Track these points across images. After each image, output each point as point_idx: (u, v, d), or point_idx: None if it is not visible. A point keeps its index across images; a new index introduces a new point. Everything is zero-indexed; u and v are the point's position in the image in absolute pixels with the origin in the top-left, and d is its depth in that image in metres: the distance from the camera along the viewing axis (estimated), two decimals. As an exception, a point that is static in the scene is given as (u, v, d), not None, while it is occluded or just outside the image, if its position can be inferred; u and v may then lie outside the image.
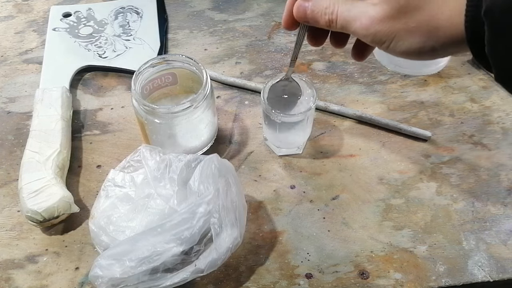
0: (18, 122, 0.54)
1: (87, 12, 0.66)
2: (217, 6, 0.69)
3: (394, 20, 0.32)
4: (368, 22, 0.33)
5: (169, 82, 0.49)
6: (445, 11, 0.30)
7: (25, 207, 0.42)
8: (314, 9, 0.36)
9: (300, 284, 0.41)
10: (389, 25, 0.32)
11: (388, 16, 0.32)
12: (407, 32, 0.32)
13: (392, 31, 0.32)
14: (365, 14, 0.33)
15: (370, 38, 0.34)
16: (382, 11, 0.32)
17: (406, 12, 0.31)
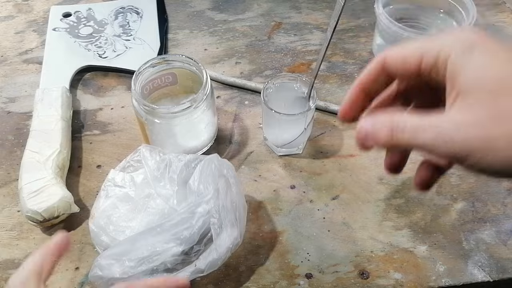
0: (18, 122, 0.54)
1: (87, 12, 0.66)
2: (217, 6, 0.69)
3: (495, 124, 0.24)
4: (454, 127, 0.25)
5: (169, 82, 0.49)
6: None
7: (25, 207, 0.42)
8: (375, 122, 0.28)
9: (300, 284, 0.41)
10: (488, 129, 0.24)
11: (485, 118, 0.24)
12: (510, 142, 0.24)
13: (492, 137, 0.24)
14: (446, 119, 0.25)
15: (456, 147, 0.25)
16: (477, 114, 0.24)
17: (509, 117, 0.24)
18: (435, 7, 0.60)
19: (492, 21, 0.66)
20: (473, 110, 0.25)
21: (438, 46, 0.27)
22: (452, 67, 0.26)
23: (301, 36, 0.64)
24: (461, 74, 0.26)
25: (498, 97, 0.24)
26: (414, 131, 0.26)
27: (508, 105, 0.24)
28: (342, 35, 0.64)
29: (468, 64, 0.26)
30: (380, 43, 0.59)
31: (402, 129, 0.26)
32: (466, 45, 0.26)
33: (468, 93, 0.25)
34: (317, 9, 0.68)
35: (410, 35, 0.53)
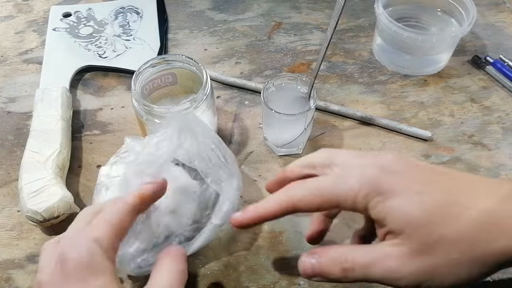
0: (18, 122, 0.54)
1: (87, 12, 0.66)
2: (217, 6, 0.69)
3: (430, 254, 0.27)
4: (398, 263, 0.28)
5: (169, 82, 0.49)
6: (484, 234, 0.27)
7: (25, 207, 0.42)
8: (322, 261, 0.30)
9: (300, 284, 0.41)
10: (426, 260, 0.27)
11: (421, 251, 0.27)
12: (451, 265, 0.27)
13: (433, 266, 0.27)
14: (391, 255, 0.28)
15: (404, 281, 0.28)
16: (412, 248, 0.27)
17: (440, 244, 0.27)
18: (435, 7, 0.60)
19: (492, 21, 0.66)
20: (407, 247, 0.27)
21: (352, 194, 0.29)
22: (374, 214, 0.29)
23: (301, 36, 0.64)
24: (384, 219, 0.29)
25: (421, 231, 0.27)
26: (364, 270, 0.29)
27: (432, 233, 0.27)
28: (342, 35, 0.64)
29: (386, 211, 0.28)
30: (380, 43, 0.59)
31: (353, 269, 0.29)
32: (378, 192, 0.29)
33: (397, 233, 0.28)
34: (317, 9, 0.68)
35: (410, 35, 0.53)
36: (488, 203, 0.27)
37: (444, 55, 0.58)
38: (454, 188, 0.29)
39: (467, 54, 0.61)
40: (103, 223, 0.31)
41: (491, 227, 0.27)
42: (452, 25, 0.59)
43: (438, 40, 0.54)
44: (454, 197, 0.28)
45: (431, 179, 0.29)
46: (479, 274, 0.27)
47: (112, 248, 0.30)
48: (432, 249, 0.27)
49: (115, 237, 0.31)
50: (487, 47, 0.62)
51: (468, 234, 0.27)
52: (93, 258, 0.29)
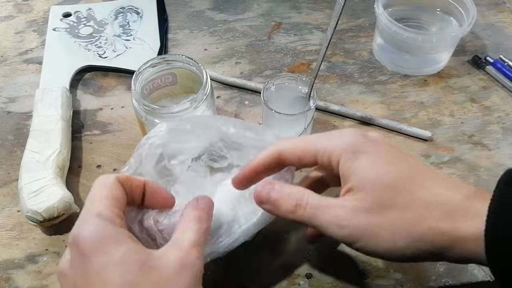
0: (18, 122, 0.54)
1: (87, 12, 0.66)
2: (217, 6, 0.69)
3: (377, 214, 0.29)
4: (345, 214, 0.30)
5: (169, 82, 0.49)
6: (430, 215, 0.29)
7: (25, 207, 0.42)
8: (280, 192, 0.33)
9: (300, 284, 0.41)
10: (371, 218, 0.29)
11: (370, 209, 0.29)
12: (390, 230, 0.29)
13: (375, 226, 0.29)
14: (342, 205, 0.30)
15: (345, 232, 0.30)
16: (364, 204, 0.30)
17: (390, 209, 0.29)
18: (435, 7, 0.60)
19: (492, 21, 0.66)
20: (361, 203, 0.30)
21: (329, 148, 0.32)
22: (342, 169, 0.32)
23: (301, 36, 0.64)
24: (350, 176, 0.31)
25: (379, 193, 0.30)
26: (313, 211, 0.31)
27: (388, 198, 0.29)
28: (342, 35, 0.64)
29: (355, 167, 0.31)
30: (380, 43, 0.59)
31: (304, 207, 0.31)
32: (353, 150, 0.31)
33: (357, 190, 0.31)
34: (317, 9, 0.68)
35: (410, 35, 0.53)
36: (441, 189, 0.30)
37: (444, 55, 0.58)
38: (418, 171, 0.31)
39: (467, 54, 0.61)
40: (95, 198, 0.31)
41: (442, 211, 0.29)
42: (452, 25, 0.59)
43: (438, 40, 0.54)
44: (415, 177, 0.30)
45: (402, 158, 0.32)
46: (414, 250, 0.29)
47: (117, 217, 0.30)
48: (382, 211, 0.29)
49: (114, 207, 0.31)
50: (487, 47, 0.62)
51: (417, 209, 0.29)
52: (102, 232, 0.29)
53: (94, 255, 0.28)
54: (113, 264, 0.28)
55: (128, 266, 0.28)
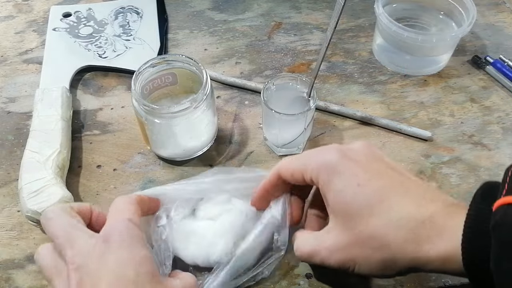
0: (18, 122, 0.54)
1: (87, 12, 0.66)
2: (217, 6, 0.69)
3: (350, 249, 0.33)
4: (327, 253, 0.34)
5: (169, 82, 0.49)
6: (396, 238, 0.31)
7: (25, 207, 0.42)
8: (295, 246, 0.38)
9: (300, 284, 0.41)
10: (346, 253, 0.33)
11: (344, 244, 0.33)
12: (365, 260, 0.32)
13: (352, 258, 0.33)
14: (323, 246, 0.34)
15: (336, 266, 0.34)
16: (338, 240, 0.33)
17: (360, 240, 0.32)
18: (435, 7, 0.60)
19: (492, 21, 0.66)
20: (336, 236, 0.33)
21: (310, 167, 0.34)
22: (321, 189, 0.34)
23: (301, 36, 0.64)
24: (327, 197, 0.33)
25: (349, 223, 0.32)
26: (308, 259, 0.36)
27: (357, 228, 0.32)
28: (342, 35, 0.64)
29: (330, 191, 0.33)
30: (380, 43, 0.59)
31: (302, 257, 0.36)
32: (328, 171, 0.33)
33: (333, 215, 0.34)
34: (317, 9, 0.68)
35: (410, 35, 0.53)
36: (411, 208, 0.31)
37: (444, 55, 0.58)
38: (391, 189, 0.32)
39: (467, 54, 0.61)
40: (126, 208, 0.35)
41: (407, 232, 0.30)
42: (452, 25, 0.59)
43: (438, 40, 0.54)
44: (388, 195, 0.32)
45: (377, 175, 0.33)
46: (390, 271, 0.32)
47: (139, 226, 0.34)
48: (353, 242, 0.32)
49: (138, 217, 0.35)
50: (487, 47, 0.62)
51: (382, 236, 0.31)
52: (133, 233, 0.32)
53: (121, 248, 0.31)
54: (134, 262, 0.31)
55: (144, 269, 0.31)
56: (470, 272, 0.29)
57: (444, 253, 0.29)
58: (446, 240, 0.29)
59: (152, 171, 0.50)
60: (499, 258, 0.26)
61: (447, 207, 0.31)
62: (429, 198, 0.32)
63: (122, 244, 0.32)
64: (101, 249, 0.31)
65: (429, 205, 0.31)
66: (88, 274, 0.30)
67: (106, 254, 0.31)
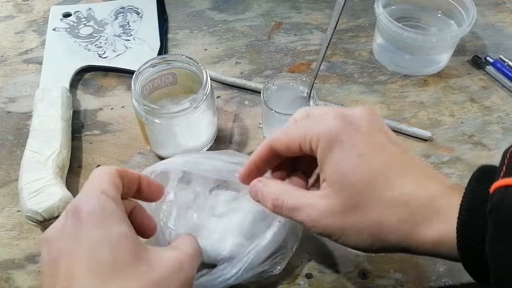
0: (18, 122, 0.54)
1: (87, 12, 0.66)
2: (217, 6, 0.69)
3: (343, 216, 0.31)
4: (316, 215, 0.32)
5: (169, 82, 0.49)
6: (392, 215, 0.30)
7: (25, 207, 0.42)
8: (263, 191, 0.35)
9: (300, 284, 0.41)
10: (337, 220, 0.31)
11: (337, 211, 0.31)
12: (355, 231, 0.31)
13: (341, 227, 0.31)
14: (313, 206, 0.32)
15: (318, 231, 0.32)
16: (332, 205, 0.31)
17: (355, 209, 0.30)
18: (435, 7, 0.60)
19: (492, 21, 0.66)
20: (331, 201, 0.31)
21: (309, 135, 0.32)
22: (319, 158, 0.32)
23: (301, 36, 0.64)
24: (324, 167, 0.32)
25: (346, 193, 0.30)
26: (289, 212, 0.33)
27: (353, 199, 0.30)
28: (342, 35, 0.64)
29: (329, 159, 0.31)
30: (380, 43, 0.59)
31: (281, 207, 0.33)
32: (329, 139, 0.31)
33: (328, 182, 0.32)
34: (317, 9, 0.68)
35: (410, 35, 0.53)
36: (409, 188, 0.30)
37: (444, 55, 0.58)
38: (392, 165, 0.31)
39: (467, 54, 0.61)
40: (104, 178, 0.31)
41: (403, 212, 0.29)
42: (452, 25, 0.59)
43: (438, 40, 0.54)
44: (387, 172, 0.30)
45: (379, 148, 0.31)
46: (379, 246, 0.31)
47: (119, 200, 0.31)
48: (347, 214, 0.31)
49: (117, 192, 0.31)
50: (487, 47, 0.62)
51: (379, 211, 0.30)
52: (106, 207, 0.29)
53: (94, 227, 0.28)
54: (109, 242, 0.28)
55: (121, 249, 0.28)
56: (464, 255, 0.28)
57: (438, 235, 0.29)
58: (441, 222, 0.29)
59: (152, 171, 0.50)
60: (495, 241, 0.26)
61: (445, 189, 0.30)
62: (429, 177, 0.31)
63: (95, 221, 0.28)
64: (73, 225, 0.29)
65: (428, 185, 0.30)
66: (61, 252, 0.28)
67: (78, 232, 0.28)
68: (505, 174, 0.27)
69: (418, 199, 0.30)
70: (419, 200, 0.30)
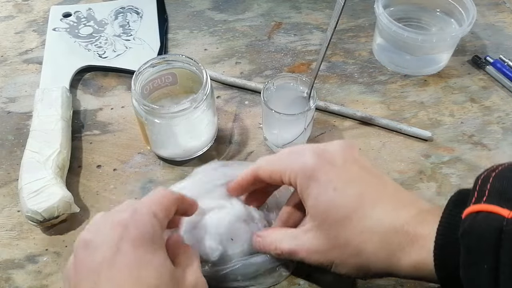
0: (18, 122, 0.54)
1: (87, 12, 0.66)
2: (217, 6, 0.69)
3: (326, 252, 0.33)
4: (307, 254, 0.35)
5: (169, 82, 0.49)
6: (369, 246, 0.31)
7: (25, 207, 0.42)
8: (264, 243, 0.38)
9: (300, 284, 0.41)
10: (323, 256, 0.34)
11: (321, 249, 0.34)
12: (340, 262, 0.33)
13: (330, 260, 0.34)
14: (303, 247, 0.35)
15: (315, 265, 0.35)
16: (316, 243, 0.34)
17: (336, 244, 0.33)
18: (435, 7, 0.60)
19: (492, 21, 0.66)
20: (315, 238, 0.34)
21: (289, 170, 0.34)
22: (300, 193, 0.34)
23: (301, 36, 0.64)
24: (305, 201, 0.34)
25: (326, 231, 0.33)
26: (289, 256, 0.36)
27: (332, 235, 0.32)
28: (342, 35, 0.64)
29: (307, 195, 0.33)
30: (380, 43, 0.59)
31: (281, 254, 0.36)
32: (305, 176, 0.33)
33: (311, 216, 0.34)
34: (317, 9, 0.68)
35: (410, 35, 0.53)
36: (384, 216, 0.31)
37: (444, 55, 0.58)
38: (367, 196, 0.33)
39: (467, 54, 0.61)
40: (157, 201, 0.33)
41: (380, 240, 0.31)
42: (452, 25, 0.59)
43: (438, 40, 0.54)
44: (363, 202, 0.32)
45: (354, 179, 0.33)
46: (365, 275, 0.33)
47: (164, 226, 0.32)
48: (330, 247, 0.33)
49: (166, 217, 0.33)
50: (487, 47, 0.62)
51: (358, 242, 0.32)
52: (155, 231, 0.31)
53: (142, 248, 0.29)
54: (153, 266, 0.29)
55: (165, 273, 0.30)
56: (442, 279, 0.29)
57: (415, 261, 0.30)
58: (417, 248, 0.30)
59: (152, 171, 0.50)
60: (467, 265, 0.27)
61: (420, 214, 0.31)
62: (404, 204, 0.32)
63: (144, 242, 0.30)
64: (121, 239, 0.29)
65: (403, 212, 0.31)
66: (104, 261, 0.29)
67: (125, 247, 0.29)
68: (476, 201, 0.28)
69: (393, 227, 0.31)
70: (394, 228, 0.31)
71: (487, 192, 0.28)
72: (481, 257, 0.26)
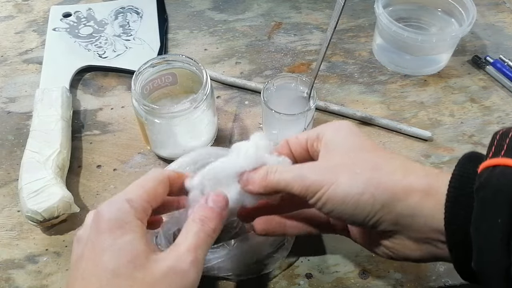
0: (18, 122, 0.54)
1: (87, 12, 0.66)
2: (217, 6, 0.69)
3: (337, 167, 0.32)
4: (309, 169, 0.33)
5: (169, 82, 0.49)
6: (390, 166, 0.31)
7: (25, 207, 0.42)
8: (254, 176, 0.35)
9: (300, 284, 0.41)
10: (331, 170, 0.32)
11: (331, 164, 0.32)
12: (349, 178, 0.31)
13: (332, 176, 0.31)
14: (307, 165, 0.33)
15: (306, 185, 0.32)
16: (325, 161, 0.34)
17: (351, 160, 0.32)
18: (435, 7, 0.60)
19: (492, 21, 0.66)
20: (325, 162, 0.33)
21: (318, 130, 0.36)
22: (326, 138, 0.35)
23: (301, 36, 0.64)
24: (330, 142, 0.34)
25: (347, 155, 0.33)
26: (282, 173, 0.33)
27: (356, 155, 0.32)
28: (342, 35, 0.64)
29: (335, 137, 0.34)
30: (380, 43, 0.59)
31: (274, 171, 0.33)
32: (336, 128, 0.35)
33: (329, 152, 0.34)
34: (317, 9, 0.68)
35: (410, 35, 0.53)
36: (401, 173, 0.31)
37: (444, 55, 0.58)
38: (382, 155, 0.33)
39: (467, 54, 0.61)
40: (136, 187, 0.33)
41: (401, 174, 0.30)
42: (452, 25, 0.59)
43: (438, 40, 0.54)
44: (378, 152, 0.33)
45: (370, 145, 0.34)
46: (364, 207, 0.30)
47: (143, 210, 0.32)
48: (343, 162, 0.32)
49: (146, 201, 0.32)
50: (487, 47, 0.62)
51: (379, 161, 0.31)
52: (122, 215, 0.31)
53: (105, 234, 0.30)
54: (113, 249, 0.29)
55: (123, 256, 0.29)
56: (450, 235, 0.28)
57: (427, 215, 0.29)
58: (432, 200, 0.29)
59: (152, 171, 0.50)
60: (480, 220, 0.26)
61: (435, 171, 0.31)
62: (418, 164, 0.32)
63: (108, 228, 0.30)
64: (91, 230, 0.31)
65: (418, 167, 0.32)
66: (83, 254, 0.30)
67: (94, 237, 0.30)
68: (494, 155, 0.28)
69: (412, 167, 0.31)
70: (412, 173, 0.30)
71: (506, 146, 0.27)
72: (496, 211, 0.25)
